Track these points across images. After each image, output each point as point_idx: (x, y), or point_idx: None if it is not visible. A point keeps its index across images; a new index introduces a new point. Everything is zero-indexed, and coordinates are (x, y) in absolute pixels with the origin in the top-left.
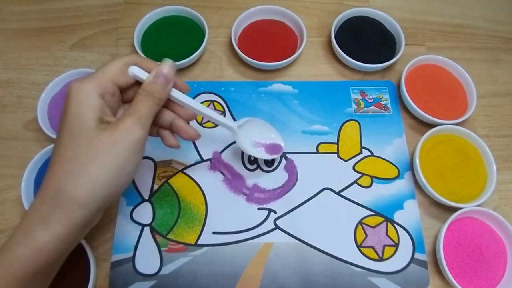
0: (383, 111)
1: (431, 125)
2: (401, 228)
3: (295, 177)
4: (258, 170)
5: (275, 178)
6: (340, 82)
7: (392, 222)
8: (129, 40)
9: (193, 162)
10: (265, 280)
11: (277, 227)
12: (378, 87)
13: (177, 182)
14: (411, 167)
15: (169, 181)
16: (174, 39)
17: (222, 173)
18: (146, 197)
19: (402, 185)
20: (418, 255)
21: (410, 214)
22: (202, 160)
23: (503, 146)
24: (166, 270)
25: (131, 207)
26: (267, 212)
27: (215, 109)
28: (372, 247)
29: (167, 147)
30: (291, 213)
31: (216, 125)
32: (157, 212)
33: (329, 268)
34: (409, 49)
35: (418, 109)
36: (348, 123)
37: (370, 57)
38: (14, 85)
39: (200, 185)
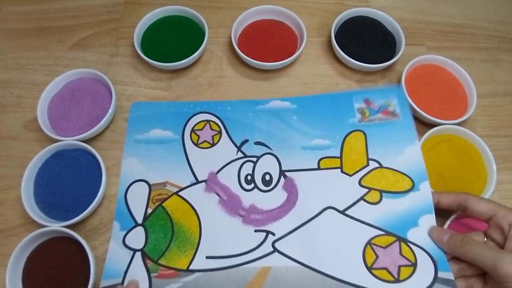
0: (391, 117)
1: (431, 125)
2: (416, 247)
3: (294, 197)
4: (256, 190)
5: (273, 198)
6: (341, 93)
7: (406, 241)
8: (129, 40)
9: (188, 183)
10: None
11: (275, 250)
12: (384, 93)
13: (171, 205)
14: None
15: (163, 204)
16: (174, 39)
17: (217, 194)
18: (139, 221)
19: (417, 198)
20: (442, 274)
21: (426, 231)
22: (197, 182)
23: (503, 146)
24: None
25: (124, 232)
26: (264, 234)
27: (211, 129)
28: (385, 268)
29: (161, 168)
30: (291, 235)
31: (212, 145)
32: (149, 236)
33: None
34: (409, 49)
35: (418, 109)
36: (352, 134)
37: (370, 57)
38: (14, 85)
39: (195, 207)
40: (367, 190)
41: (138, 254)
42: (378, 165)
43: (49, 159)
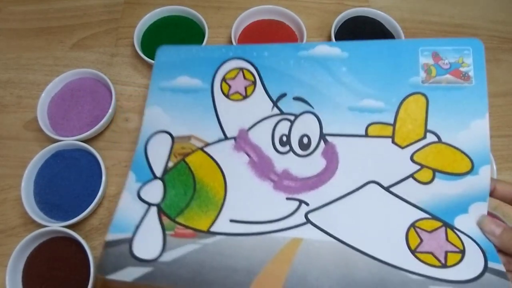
0: (462, 81)
1: None
2: (464, 235)
3: (334, 165)
4: (291, 153)
5: (310, 165)
6: (406, 41)
7: (453, 228)
8: (129, 40)
9: (216, 139)
10: (290, 281)
11: (308, 221)
12: (459, 47)
13: (195, 161)
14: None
15: (186, 159)
16: (174, 39)
17: (247, 154)
18: (158, 174)
19: (474, 183)
20: (492, 265)
21: (475, 220)
22: (226, 138)
23: (503, 146)
24: (167, 256)
25: (140, 184)
26: (297, 203)
27: (245, 79)
28: (431, 253)
29: (187, 120)
30: (327, 207)
31: (244, 97)
32: (168, 191)
33: (376, 274)
34: None
35: None
36: (411, 97)
37: None
38: (14, 85)
39: (221, 166)
40: (419, 167)
41: (154, 209)
42: (436, 139)
43: (49, 159)
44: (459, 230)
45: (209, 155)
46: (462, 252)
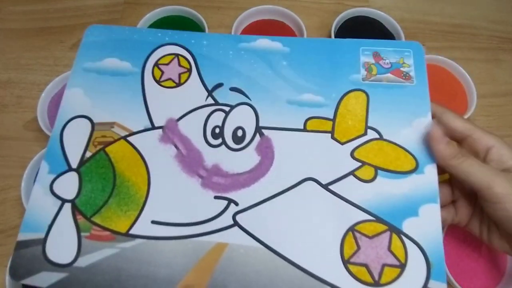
0: (403, 80)
1: None
2: (411, 243)
3: (269, 161)
4: (223, 146)
5: (243, 160)
6: (347, 41)
7: (399, 233)
8: None
9: (141, 128)
10: None
11: (236, 223)
12: (400, 49)
13: (117, 151)
14: None
15: (106, 149)
16: None
17: (175, 146)
18: (74, 166)
19: (421, 182)
20: (433, 284)
21: (427, 224)
22: (153, 128)
23: None
24: (83, 261)
25: (53, 176)
26: (226, 202)
27: (180, 65)
28: (365, 265)
29: (110, 105)
30: (258, 207)
31: (177, 85)
32: (84, 186)
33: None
34: None
35: None
36: (352, 93)
37: None
38: (14, 85)
39: (145, 158)
40: (359, 164)
41: (68, 206)
42: (378, 136)
43: None
44: (406, 236)
45: (133, 145)
46: (402, 266)
